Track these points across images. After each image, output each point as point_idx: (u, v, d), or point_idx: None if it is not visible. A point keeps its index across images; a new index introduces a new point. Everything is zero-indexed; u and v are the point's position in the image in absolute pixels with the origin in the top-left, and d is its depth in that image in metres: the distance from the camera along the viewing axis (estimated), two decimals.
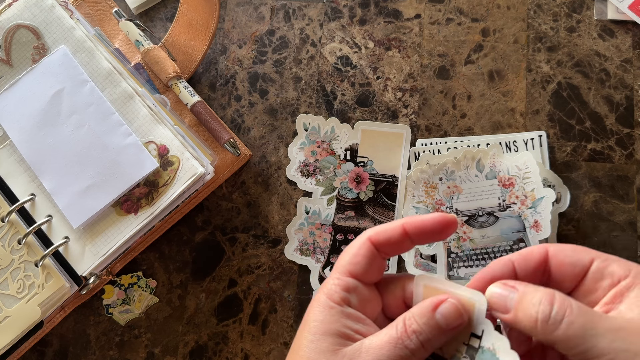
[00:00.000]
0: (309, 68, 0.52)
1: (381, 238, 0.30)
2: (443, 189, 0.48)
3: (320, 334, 0.29)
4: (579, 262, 0.29)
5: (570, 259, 0.29)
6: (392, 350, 0.28)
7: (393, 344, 0.28)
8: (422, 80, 0.51)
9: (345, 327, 0.29)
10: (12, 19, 0.48)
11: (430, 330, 0.29)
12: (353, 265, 0.30)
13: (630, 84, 0.49)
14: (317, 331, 0.29)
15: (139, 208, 0.45)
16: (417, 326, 0.29)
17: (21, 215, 0.45)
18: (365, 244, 0.31)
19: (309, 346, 0.29)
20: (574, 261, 0.29)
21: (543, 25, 0.51)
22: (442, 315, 0.29)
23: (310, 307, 0.30)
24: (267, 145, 0.51)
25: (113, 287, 0.49)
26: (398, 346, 0.28)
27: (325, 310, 0.30)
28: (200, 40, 0.50)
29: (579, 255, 0.29)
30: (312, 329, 0.29)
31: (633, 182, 0.48)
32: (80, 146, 0.45)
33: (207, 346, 0.48)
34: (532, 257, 0.30)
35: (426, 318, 0.29)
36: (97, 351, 0.49)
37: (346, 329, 0.29)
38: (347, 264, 0.31)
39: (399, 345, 0.28)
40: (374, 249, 0.31)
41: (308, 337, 0.29)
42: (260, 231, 0.50)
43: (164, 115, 0.46)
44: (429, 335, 0.29)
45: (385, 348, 0.28)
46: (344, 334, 0.29)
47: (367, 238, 0.31)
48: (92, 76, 0.47)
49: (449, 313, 0.29)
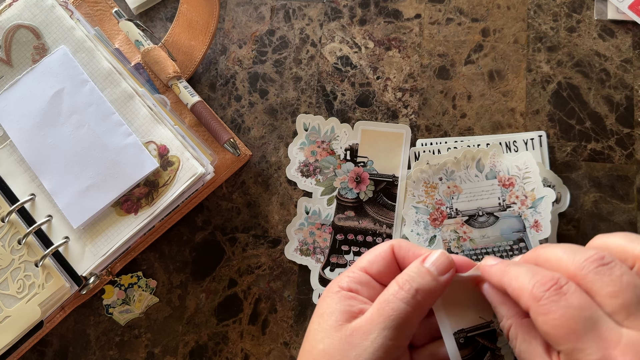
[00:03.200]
0: (309, 68, 0.52)
1: (401, 251, 0.32)
2: (443, 189, 0.48)
3: (326, 315, 0.30)
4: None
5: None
6: (388, 307, 0.28)
7: (387, 302, 0.28)
8: (422, 80, 0.51)
9: (349, 306, 0.30)
10: (12, 19, 0.48)
11: (421, 277, 0.29)
12: (370, 264, 0.32)
13: (630, 84, 0.49)
14: (324, 313, 0.30)
15: (139, 208, 0.45)
16: (408, 276, 0.29)
17: (21, 215, 0.45)
18: (387, 249, 0.32)
19: (315, 328, 0.30)
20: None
21: (543, 25, 0.51)
22: (432, 263, 0.29)
23: (321, 296, 0.32)
24: (267, 145, 0.51)
25: (113, 287, 0.49)
26: (393, 302, 0.28)
27: (333, 295, 0.31)
28: (200, 40, 0.50)
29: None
30: (319, 311, 0.31)
31: (633, 182, 0.48)
32: (80, 146, 0.45)
33: (207, 346, 0.48)
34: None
35: (416, 268, 0.29)
36: (97, 351, 0.49)
37: (350, 307, 0.30)
38: (366, 262, 0.32)
39: (393, 302, 0.28)
40: (393, 256, 0.32)
41: (315, 319, 0.31)
42: (260, 231, 0.50)
43: (164, 115, 0.46)
44: (420, 280, 0.29)
45: (382, 308, 0.28)
46: (348, 312, 0.29)
47: (391, 245, 0.32)
48: (92, 76, 0.47)
49: (438, 260, 0.30)
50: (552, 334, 0.24)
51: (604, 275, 0.24)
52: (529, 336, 0.27)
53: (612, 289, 0.24)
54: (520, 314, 0.28)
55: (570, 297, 0.24)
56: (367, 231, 0.49)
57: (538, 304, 0.24)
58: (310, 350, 0.29)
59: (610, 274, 0.24)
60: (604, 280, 0.24)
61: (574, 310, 0.23)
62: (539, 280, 0.25)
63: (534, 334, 0.26)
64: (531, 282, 0.25)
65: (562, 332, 0.23)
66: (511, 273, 0.27)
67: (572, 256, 0.26)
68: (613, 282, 0.24)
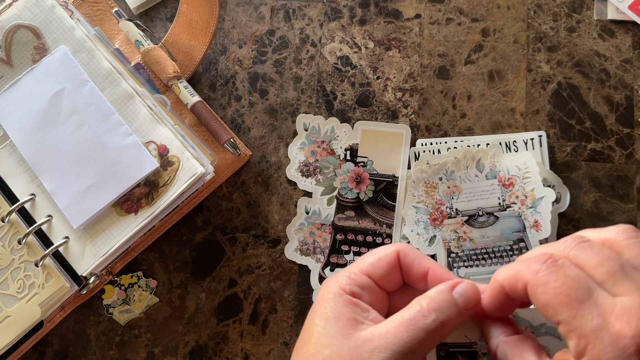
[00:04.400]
0: (309, 68, 0.52)
1: (407, 259, 0.31)
2: (443, 188, 0.48)
3: (332, 320, 0.29)
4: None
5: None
6: (407, 333, 0.27)
7: (406, 325, 0.27)
8: (422, 80, 0.51)
9: (355, 313, 0.29)
10: (12, 19, 0.48)
11: (448, 308, 0.28)
12: (372, 268, 0.30)
13: (630, 84, 0.49)
14: (329, 317, 0.29)
15: (139, 208, 0.45)
16: (436, 304, 0.28)
17: (21, 215, 0.45)
18: (392, 254, 0.31)
19: (320, 332, 0.29)
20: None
21: (543, 25, 0.51)
22: (460, 294, 0.28)
23: (321, 296, 0.30)
24: (267, 145, 0.51)
25: (113, 287, 0.49)
26: (412, 327, 0.27)
27: (337, 297, 0.29)
28: (200, 40, 0.50)
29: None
30: (323, 315, 0.29)
31: (633, 182, 0.48)
32: (81, 146, 0.45)
33: (207, 346, 0.48)
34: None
35: (444, 296, 0.28)
36: (97, 351, 0.49)
37: (355, 314, 0.29)
38: (368, 265, 0.31)
39: (413, 326, 0.27)
40: (397, 263, 0.31)
41: (319, 323, 0.29)
42: (260, 231, 0.50)
43: (164, 115, 0.46)
44: (447, 312, 0.28)
45: (400, 331, 0.27)
46: (354, 319, 0.29)
47: (396, 250, 0.31)
48: (92, 76, 0.47)
49: (466, 292, 0.28)
50: (552, 303, 0.24)
51: (585, 250, 0.25)
52: (518, 349, 0.27)
53: (596, 259, 0.25)
54: (507, 332, 0.28)
55: (567, 269, 0.25)
56: (367, 231, 0.49)
57: (536, 276, 0.25)
58: (314, 355, 0.28)
59: (592, 248, 0.25)
60: (587, 254, 0.25)
61: (572, 279, 0.24)
62: (534, 257, 0.26)
63: (522, 346, 0.27)
64: (527, 262, 0.26)
65: (563, 300, 0.24)
66: (505, 269, 0.27)
67: (553, 245, 0.27)
68: (595, 254, 0.25)
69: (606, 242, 0.26)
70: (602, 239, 0.26)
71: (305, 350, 0.29)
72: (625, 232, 0.26)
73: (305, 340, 0.29)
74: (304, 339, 0.30)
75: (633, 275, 0.24)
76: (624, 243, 0.26)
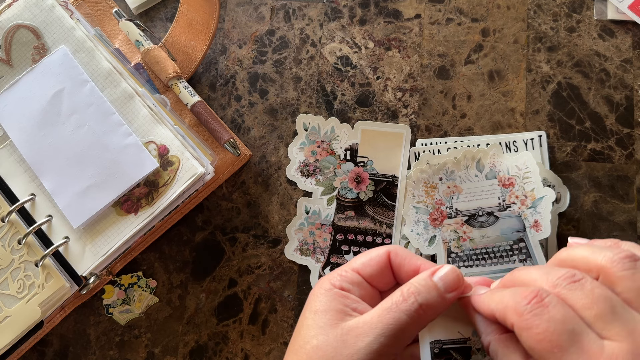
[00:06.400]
0: (309, 68, 0.52)
1: (398, 258, 0.31)
2: (443, 188, 0.48)
3: (320, 312, 0.30)
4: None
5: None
6: (389, 316, 0.28)
7: (388, 309, 0.28)
8: (422, 80, 0.51)
9: (344, 306, 0.30)
10: (12, 19, 0.48)
11: (428, 291, 0.29)
12: (363, 266, 0.32)
13: (630, 84, 0.49)
14: (318, 310, 0.30)
15: (139, 208, 0.45)
16: (415, 288, 0.29)
17: (21, 215, 0.45)
18: (383, 254, 0.32)
19: (309, 324, 0.30)
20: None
21: (543, 25, 0.51)
22: (440, 278, 0.29)
23: (313, 292, 0.32)
24: (267, 145, 0.51)
25: (113, 287, 0.49)
26: (394, 311, 0.28)
27: (327, 292, 0.31)
28: (200, 40, 0.50)
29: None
30: (313, 308, 0.31)
31: (633, 182, 0.48)
32: (81, 146, 0.45)
33: (207, 346, 0.48)
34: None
35: (424, 281, 0.29)
36: (97, 351, 0.49)
37: (345, 307, 0.30)
38: (360, 264, 0.32)
39: (395, 310, 0.28)
40: (388, 262, 0.32)
41: (309, 316, 0.31)
42: (260, 231, 0.50)
43: (164, 115, 0.46)
44: (426, 295, 0.29)
45: (382, 315, 0.28)
46: (342, 311, 0.30)
47: (387, 251, 0.32)
48: (92, 76, 0.47)
49: (446, 275, 0.29)
50: (537, 348, 0.24)
51: (576, 290, 0.25)
52: (508, 350, 0.27)
53: (586, 300, 0.24)
54: (499, 330, 0.28)
55: (553, 310, 0.24)
56: (367, 231, 0.49)
57: (521, 319, 0.25)
58: (303, 346, 0.30)
59: (582, 289, 0.25)
60: (577, 294, 0.25)
61: (556, 324, 0.24)
62: (521, 294, 0.25)
63: (513, 348, 0.27)
64: (513, 299, 0.26)
65: (547, 346, 0.24)
66: (496, 297, 0.27)
67: (546, 276, 0.26)
68: (585, 295, 0.24)
69: (601, 270, 0.25)
70: (597, 265, 0.26)
71: (295, 342, 0.31)
72: (622, 262, 0.25)
73: (296, 334, 0.31)
74: (295, 332, 0.31)
75: (624, 315, 0.24)
76: (619, 275, 0.25)
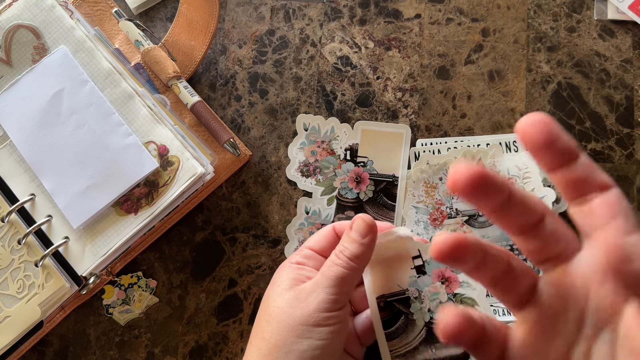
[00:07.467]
0: (309, 68, 0.52)
1: (342, 228, 0.39)
2: (443, 189, 0.48)
3: (278, 283, 0.37)
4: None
5: None
6: (329, 272, 0.35)
7: (328, 267, 0.36)
8: (422, 80, 0.51)
9: (298, 275, 0.37)
10: (12, 19, 0.48)
11: (350, 244, 0.36)
12: (315, 242, 0.40)
13: (630, 84, 0.49)
14: (276, 281, 0.37)
15: (139, 208, 0.45)
16: (341, 245, 0.36)
17: (21, 215, 0.45)
18: (330, 230, 0.40)
19: (269, 294, 0.37)
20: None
21: (543, 25, 0.51)
22: (354, 230, 0.36)
23: (276, 271, 0.39)
24: (267, 145, 0.51)
25: (113, 287, 0.49)
26: (333, 267, 0.35)
27: (284, 267, 0.38)
28: (200, 40, 0.50)
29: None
30: (274, 280, 0.37)
31: (633, 182, 0.48)
32: (80, 146, 0.45)
33: (207, 346, 0.48)
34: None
35: (346, 236, 0.37)
36: (97, 351, 0.49)
37: (298, 275, 0.37)
38: (312, 242, 0.40)
39: (333, 266, 0.35)
40: (335, 234, 0.40)
41: (270, 287, 0.38)
42: (260, 231, 0.50)
43: (164, 115, 0.46)
44: (350, 247, 0.36)
45: (325, 272, 0.35)
46: (297, 279, 0.36)
47: (332, 226, 0.40)
48: (92, 76, 0.47)
49: (358, 225, 0.36)
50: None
51: None
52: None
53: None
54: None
55: None
56: None
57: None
58: (265, 309, 0.36)
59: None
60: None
61: None
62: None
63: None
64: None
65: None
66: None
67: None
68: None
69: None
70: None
71: (259, 309, 0.37)
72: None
73: (262, 304, 0.37)
74: (262, 303, 0.37)
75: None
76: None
